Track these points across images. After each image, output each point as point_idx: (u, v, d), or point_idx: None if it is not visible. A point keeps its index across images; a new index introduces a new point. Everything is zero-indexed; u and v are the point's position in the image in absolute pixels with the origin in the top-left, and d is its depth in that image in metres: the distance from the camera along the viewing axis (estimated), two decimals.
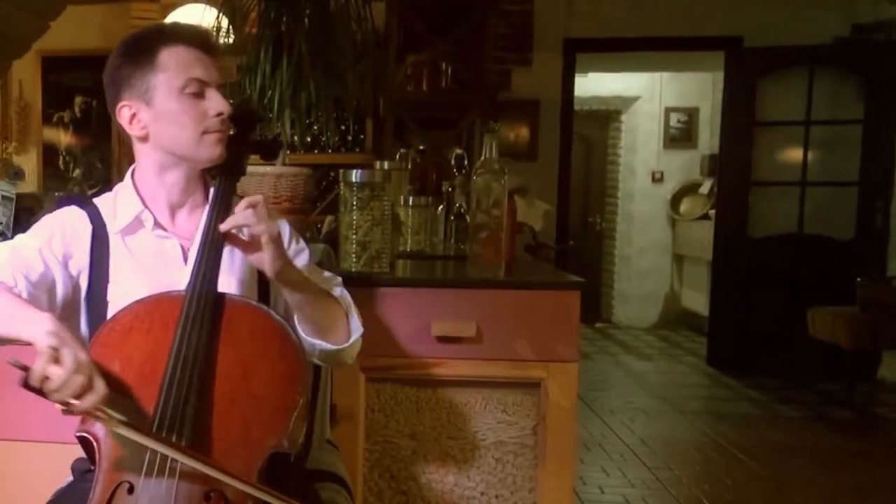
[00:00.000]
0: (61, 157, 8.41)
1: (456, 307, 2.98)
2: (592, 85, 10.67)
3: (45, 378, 1.62)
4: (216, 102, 2.12)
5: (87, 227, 2.18)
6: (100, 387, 1.68)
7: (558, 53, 8.26)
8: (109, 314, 2.07)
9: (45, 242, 2.11)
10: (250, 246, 1.99)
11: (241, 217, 1.93)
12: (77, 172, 8.41)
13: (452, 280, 3.18)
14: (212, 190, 2.25)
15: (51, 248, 2.11)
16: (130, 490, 1.80)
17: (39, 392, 1.63)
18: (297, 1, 3.36)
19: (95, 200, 2.27)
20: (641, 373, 8.71)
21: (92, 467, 1.90)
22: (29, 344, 1.69)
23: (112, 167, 8.29)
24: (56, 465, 2.32)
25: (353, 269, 2.99)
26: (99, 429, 1.85)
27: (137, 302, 2.00)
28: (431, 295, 2.99)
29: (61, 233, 2.15)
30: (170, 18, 5.73)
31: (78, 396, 1.65)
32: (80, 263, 2.15)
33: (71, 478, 2.22)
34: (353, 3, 3.47)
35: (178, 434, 1.79)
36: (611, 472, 5.45)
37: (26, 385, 1.62)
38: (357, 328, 2.28)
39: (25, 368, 1.62)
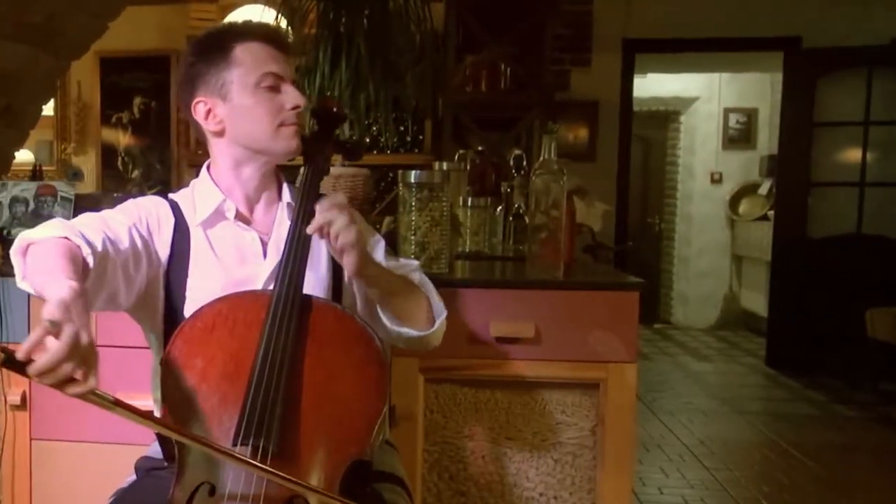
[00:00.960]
0: (120, 158, 8.48)
1: (515, 308, 2.96)
2: (651, 85, 10.68)
3: (34, 351, 1.43)
4: (292, 96, 2.16)
5: (170, 219, 2.21)
6: (91, 382, 1.47)
7: (617, 54, 8.24)
8: (186, 310, 2.09)
9: (135, 222, 2.12)
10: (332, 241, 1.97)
11: (322, 218, 1.92)
12: (136, 173, 8.48)
13: (511, 281, 3.16)
14: (285, 188, 2.29)
15: (139, 229, 2.11)
16: (211, 492, 1.77)
17: (21, 369, 1.43)
18: (356, 1, 3.37)
19: (172, 196, 2.29)
20: (700, 373, 8.66)
21: (166, 464, 1.92)
22: None
23: (171, 168, 8.35)
24: (118, 465, 2.33)
25: None
26: None
27: (220, 299, 2.00)
28: (490, 296, 2.98)
29: (147, 218, 2.17)
30: (228, 19, 5.76)
31: (63, 384, 1.46)
32: (162, 255, 2.16)
33: (133, 477, 2.21)
34: (411, 4, 3.48)
35: (266, 437, 1.76)
36: (670, 472, 5.43)
37: (6, 362, 1.43)
38: (440, 311, 2.30)
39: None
